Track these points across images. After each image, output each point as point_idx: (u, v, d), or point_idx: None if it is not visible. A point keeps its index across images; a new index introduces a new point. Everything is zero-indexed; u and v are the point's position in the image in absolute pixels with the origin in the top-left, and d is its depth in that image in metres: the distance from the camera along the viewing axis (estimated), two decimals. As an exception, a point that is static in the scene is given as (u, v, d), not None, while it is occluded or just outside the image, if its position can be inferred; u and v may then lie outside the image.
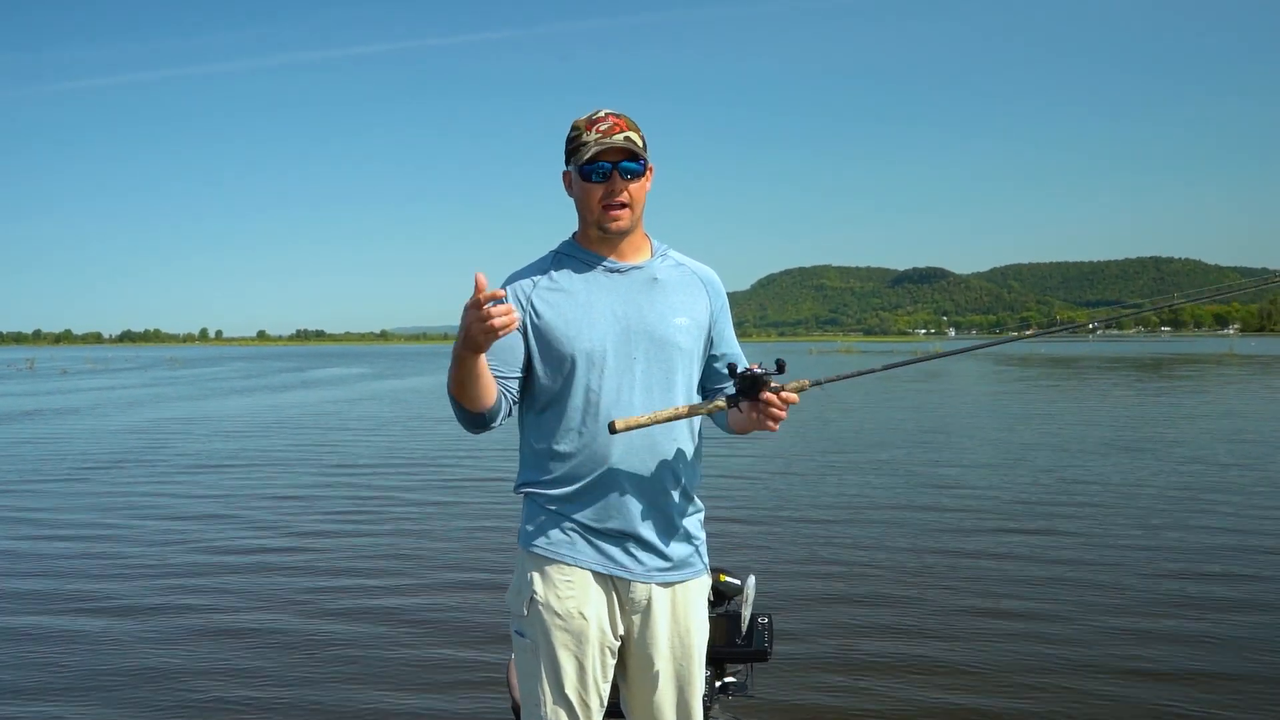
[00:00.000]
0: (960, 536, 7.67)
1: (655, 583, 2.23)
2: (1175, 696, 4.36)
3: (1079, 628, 5.33)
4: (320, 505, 9.48)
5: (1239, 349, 78.50)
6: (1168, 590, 6.03)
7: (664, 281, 2.29)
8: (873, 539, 7.62)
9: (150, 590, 6.32)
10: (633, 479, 2.19)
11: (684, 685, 2.28)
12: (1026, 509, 8.80)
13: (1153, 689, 4.45)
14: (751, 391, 2.06)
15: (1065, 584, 6.22)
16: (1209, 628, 5.27)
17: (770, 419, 2.09)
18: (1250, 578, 6.30)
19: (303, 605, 5.95)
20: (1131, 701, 4.32)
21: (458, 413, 2.20)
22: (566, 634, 2.18)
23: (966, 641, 5.14)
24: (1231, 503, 8.92)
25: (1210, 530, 7.75)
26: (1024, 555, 6.99)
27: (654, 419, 2.06)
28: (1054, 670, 4.71)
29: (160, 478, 11.51)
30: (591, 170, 2.18)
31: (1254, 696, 4.35)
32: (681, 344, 2.26)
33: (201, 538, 7.96)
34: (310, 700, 4.44)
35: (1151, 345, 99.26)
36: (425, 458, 13.31)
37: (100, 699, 4.47)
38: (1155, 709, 4.25)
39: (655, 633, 2.24)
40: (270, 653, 5.08)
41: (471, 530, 8.20)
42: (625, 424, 2.05)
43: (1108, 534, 7.65)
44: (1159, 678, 4.59)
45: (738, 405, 2.10)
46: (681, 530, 2.27)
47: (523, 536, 2.27)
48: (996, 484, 10.23)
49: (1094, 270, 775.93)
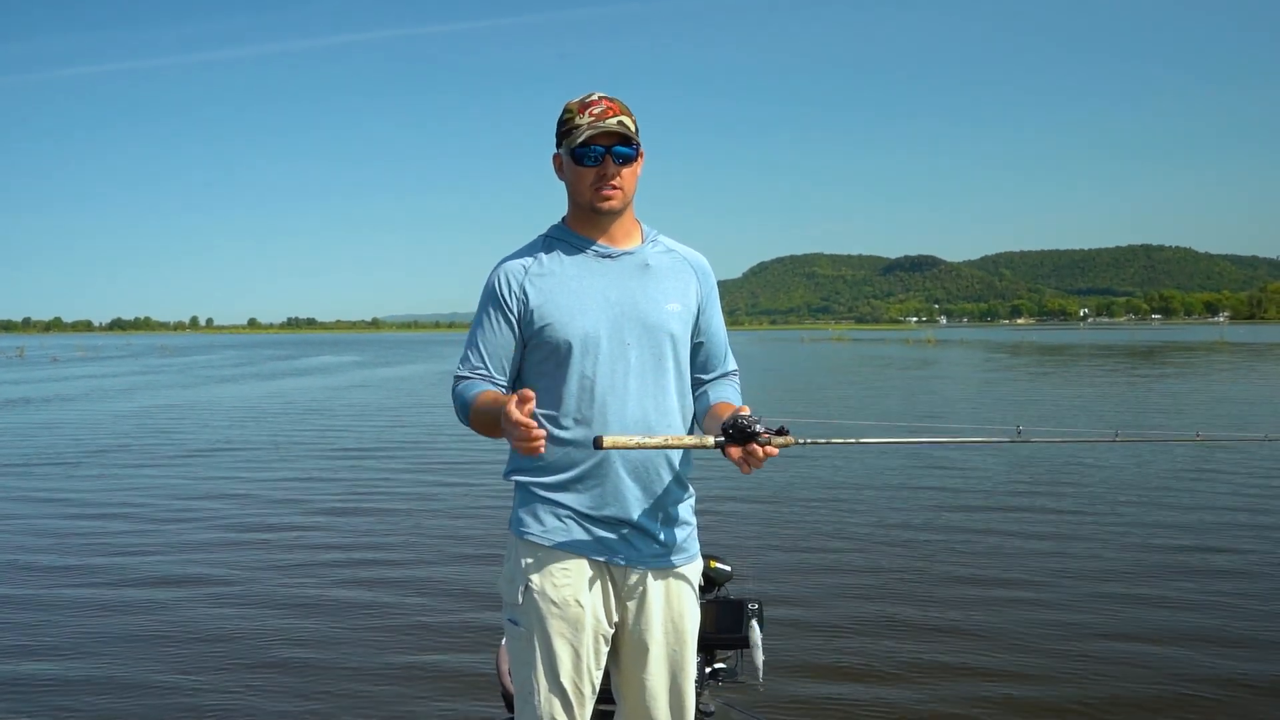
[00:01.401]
0: (952, 517, 7.69)
1: (650, 569, 2.23)
2: (1186, 662, 4.40)
3: (1084, 614, 5.35)
4: (311, 489, 9.47)
5: (1229, 336, 78.81)
6: (1181, 567, 6.08)
7: (655, 267, 2.28)
8: (862, 523, 7.64)
9: (146, 572, 6.33)
10: (628, 465, 2.18)
11: (676, 670, 2.28)
12: (1021, 488, 8.84)
13: (1166, 659, 4.49)
14: (741, 441, 2.07)
15: (1066, 570, 6.25)
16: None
17: (747, 465, 2.08)
18: (1244, 551, 6.36)
19: (286, 590, 5.96)
20: (1142, 668, 4.36)
21: (465, 423, 2.24)
22: (562, 622, 2.17)
23: (957, 623, 5.16)
24: (1232, 481, 8.99)
25: (1216, 507, 7.81)
26: (1013, 534, 7.03)
27: (642, 444, 2.03)
28: (1048, 652, 4.74)
29: (152, 463, 11.47)
30: (584, 154, 2.16)
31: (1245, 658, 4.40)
32: (674, 330, 2.25)
33: (183, 530, 7.95)
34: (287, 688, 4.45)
35: (1143, 333, 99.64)
36: (416, 442, 13.30)
37: (93, 661, 4.48)
38: (1165, 677, 4.29)
39: (649, 619, 2.24)
40: (225, 647, 5.08)
41: (459, 516, 8.20)
42: (613, 443, 2.03)
43: (1112, 513, 7.70)
44: (1177, 666, 4.63)
45: (723, 448, 2.09)
46: (676, 516, 2.27)
47: (515, 523, 2.26)
48: (991, 466, 10.27)
49: (1085, 258, 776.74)
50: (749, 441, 2.05)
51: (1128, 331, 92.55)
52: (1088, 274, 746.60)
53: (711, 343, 2.39)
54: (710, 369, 2.41)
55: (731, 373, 2.46)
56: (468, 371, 2.25)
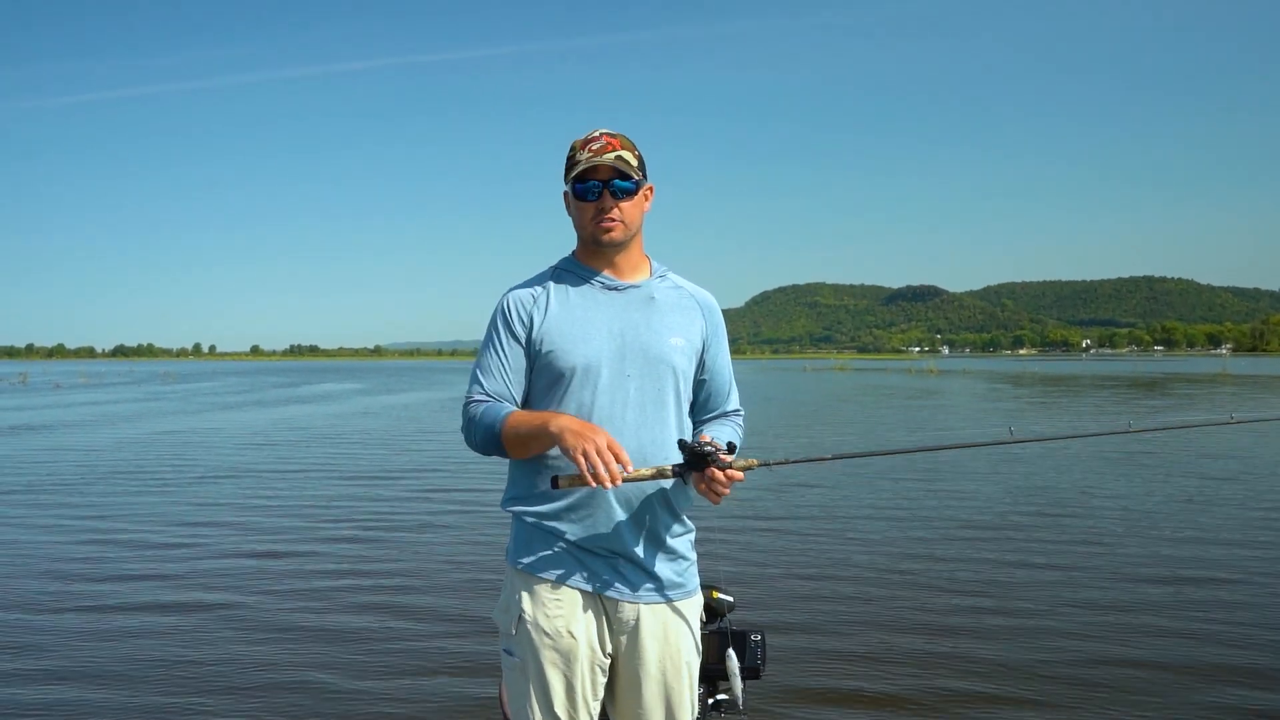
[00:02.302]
0: (954, 547, 7.65)
1: (643, 602, 2.22)
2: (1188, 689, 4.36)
3: (1089, 642, 5.31)
4: (315, 515, 9.44)
5: (1232, 368, 78.69)
6: (1188, 601, 6.04)
7: (660, 301, 2.30)
8: (866, 554, 7.59)
9: (145, 590, 6.30)
10: (623, 498, 2.18)
11: (673, 706, 2.26)
12: (1022, 521, 8.81)
13: (1176, 686, 4.46)
14: (698, 465, 2.08)
15: (1070, 599, 6.21)
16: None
17: (714, 494, 2.11)
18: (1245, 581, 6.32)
19: (290, 615, 5.93)
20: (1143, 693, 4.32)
21: (487, 445, 2.20)
22: (555, 653, 2.17)
23: (957, 653, 5.13)
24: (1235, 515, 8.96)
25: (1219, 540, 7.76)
26: (1015, 564, 6.99)
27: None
28: (1053, 678, 4.71)
29: (152, 490, 11.43)
30: (583, 189, 2.20)
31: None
32: (676, 364, 2.26)
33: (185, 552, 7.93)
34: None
35: (1144, 364, 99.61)
36: (419, 469, 13.27)
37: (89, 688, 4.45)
38: (1176, 704, 4.25)
39: (643, 652, 2.23)
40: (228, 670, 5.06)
41: (459, 547, 8.17)
42: (569, 481, 2.07)
43: (1117, 544, 7.66)
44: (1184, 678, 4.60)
45: (683, 476, 2.13)
46: (671, 550, 2.27)
47: (511, 554, 2.27)
48: (990, 496, 10.24)
49: (1087, 289, 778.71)
50: (704, 466, 2.07)
51: (1130, 363, 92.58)
52: (1090, 305, 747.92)
53: (715, 380, 2.39)
54: (712, 407, 2.42)
55: (733, 412, 2.46)
56: (482, 395, 2.24)
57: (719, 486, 2.09)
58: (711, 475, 2.08)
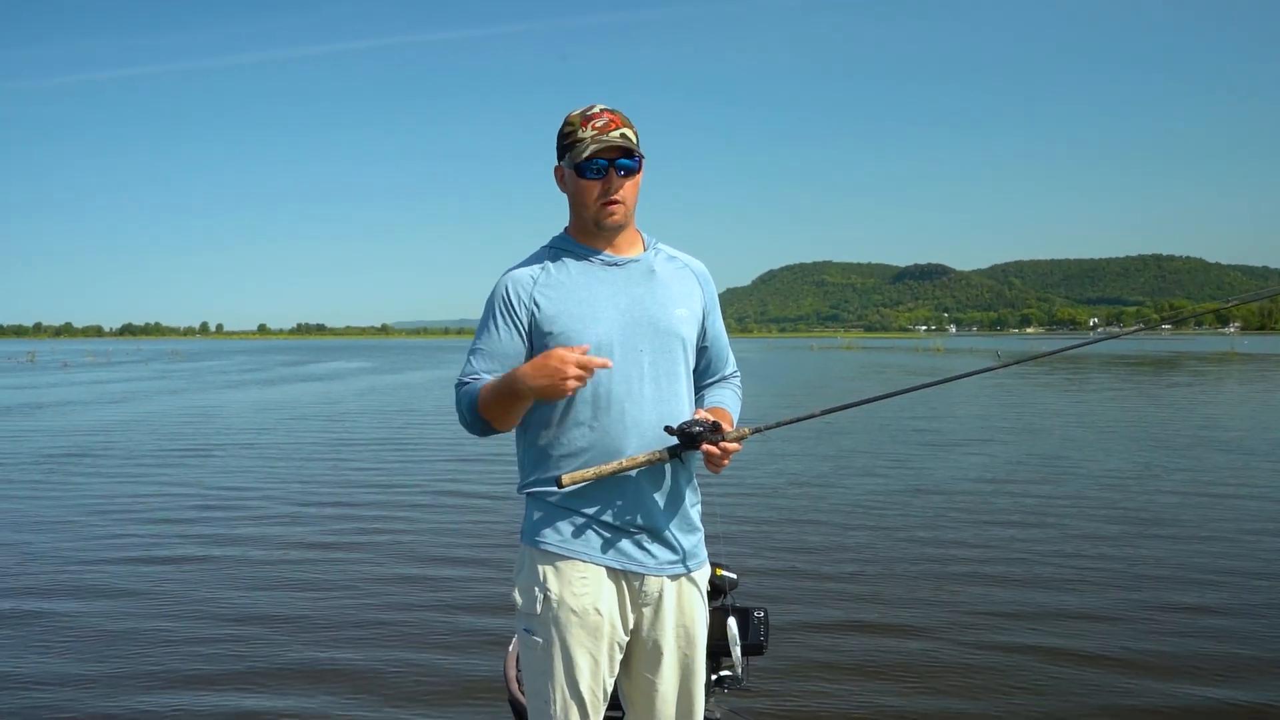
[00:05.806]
0: (958, 529, 7.67)
1: (666, 575, 2.24)
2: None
3: (1092, 622, 5.34)
4: (322, 493, 9.50)
5: (1240, 347, 78.37)
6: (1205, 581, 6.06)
7: (660, 274, 2.30)
8: (867, 531, 7.61)
9: (135, 575, 6.37)
10: (646, 471, 2.19)
11: (687, 676, 2.28)
12: (1029, 503, 8.81)
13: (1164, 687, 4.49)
14: (691, 445, 2.13)
15: (1075, 577, 6.24)
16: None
17: (715, 465, 2.17)
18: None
19: (292, 595, 5.98)
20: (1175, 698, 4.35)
21: (474, 425, 2.21)
22: (582, 630, 2.17)
23: (959, 633, 5.15)
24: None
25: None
26: (1021, 547, 7.01)
27: (599, 473, 2.11)
28: (1057, 676, 4.74)
29: (156, 467, 11.50)
30: (588, 167, 2.18)
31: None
32: (684, 334, 2.27)
33: (170, 533, 8.00)
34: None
35: (1152, 344, 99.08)
36: (424, 443, 13.34)
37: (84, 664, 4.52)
38: (1168, 696, 4.29)
39: (663, 624, 2.24)
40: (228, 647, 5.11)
41: (467, 526, 8.22)
42: (572, 479, 2.11)
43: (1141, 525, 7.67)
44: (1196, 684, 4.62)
45: (679, 456, 2.17)
46: (689, 522, 2.29)
47: (529, 534, 2.25)
48: (996, 475, 10.23)
49: (1095, 267, 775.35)
50: (693, 445, 2.13)
51: (1137, 341, 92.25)
52: (1097, 283, 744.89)
53: (715, 346, 2.42)
54: (712, 372, 2.46)
55: (731, 375, 2.50)
56: (471, 376, 2.24)
57: (716, 459, 2.14)
58: (707, 451, 2.13)
